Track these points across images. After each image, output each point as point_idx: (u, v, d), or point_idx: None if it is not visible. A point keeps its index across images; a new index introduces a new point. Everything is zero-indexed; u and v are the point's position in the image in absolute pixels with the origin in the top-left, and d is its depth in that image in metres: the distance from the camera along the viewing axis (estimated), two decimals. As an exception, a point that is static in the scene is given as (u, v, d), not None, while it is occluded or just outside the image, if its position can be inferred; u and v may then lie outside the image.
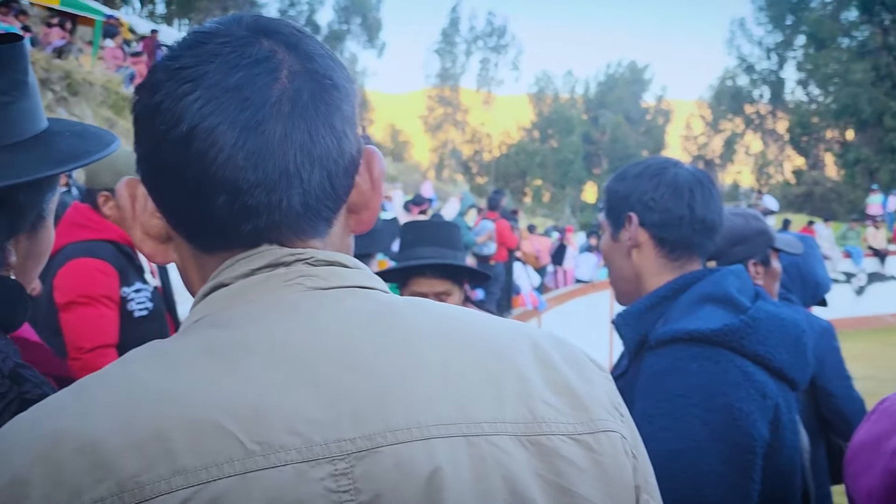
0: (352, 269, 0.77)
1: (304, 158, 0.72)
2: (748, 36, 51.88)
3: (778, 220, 22.73)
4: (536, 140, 60.66)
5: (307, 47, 0.76)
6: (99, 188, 3.08)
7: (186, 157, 0.70)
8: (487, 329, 0.77)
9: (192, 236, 0.76)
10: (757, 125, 53.83)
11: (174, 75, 0.72)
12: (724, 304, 1.52)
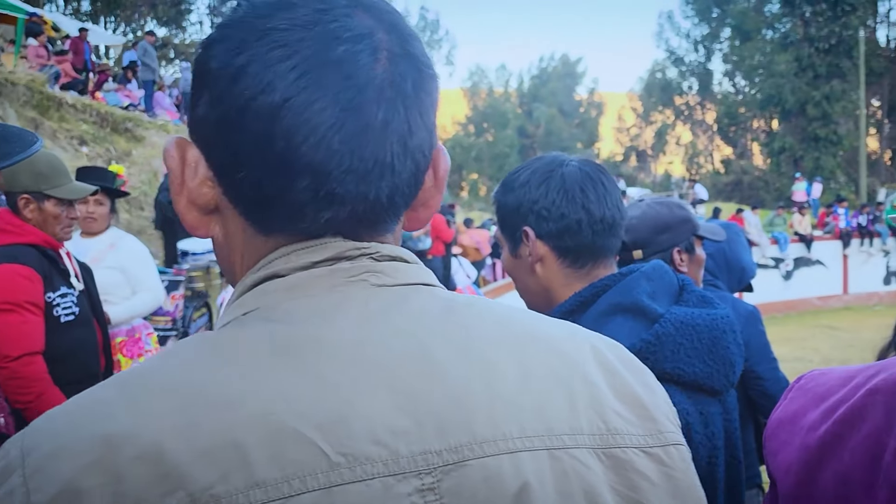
0: (412, 264, 0.73)
1: (401, 149, 0.67)
2: (676, 29, 52.78)
3: (708, 209, 23.29)
4: (472, 134, 60.94)
5: (405, 29, 0.71)
6: (19, 191, 3.03)
7: (272, 131, 0.64)
8: (549, 330, 0.73)
9: (253, 214, 0.69)
10: (687, 116, 54.84)
11: (264, 37, 0.65)
12: (633, 313, 1.44)
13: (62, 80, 17.28)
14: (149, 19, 41.21)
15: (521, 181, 1.56)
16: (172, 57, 39.52)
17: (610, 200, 1.52)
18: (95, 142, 16.21)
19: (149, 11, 40.37)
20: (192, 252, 8.14)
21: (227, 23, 0.68)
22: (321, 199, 0.66)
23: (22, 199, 3.04)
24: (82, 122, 16.52)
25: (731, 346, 1.48)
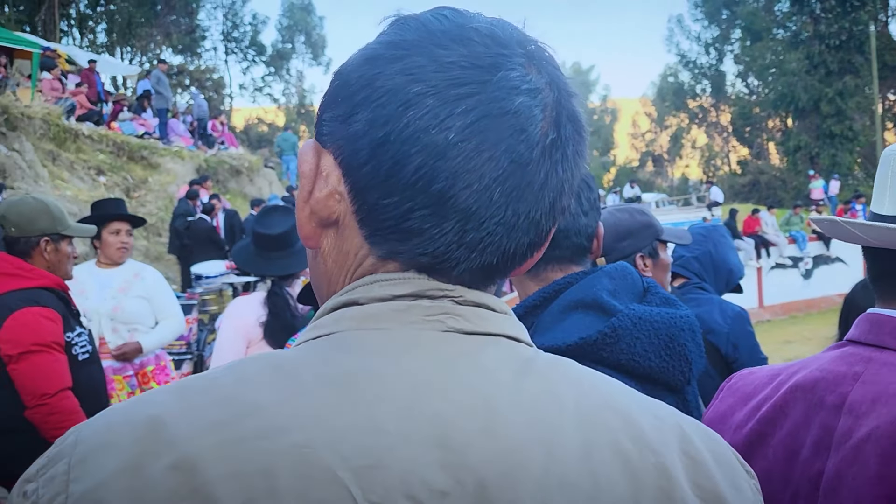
0: (499, 313, 0.70)
1: (550, 210, 0.67)
2: (686, 32, 52.77)
3: (724, 211, 23.22)
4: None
5: (570, 88, 0.70)
6: (37, 234, 3.19)
7: (436, 167, 0.62)
8: (633, 408, 0.68)
9: (380, 240, 0.67)
10: (701, 119, 54.68)
11: (444, 70, 0.63)
12: (593, 309, 1.48)
13: (78, 112, 17.57)
14: (164, 48, 41.78)
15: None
16: (188, 84, 40.02)
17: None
18: (112, 171, 16.47)
19: (164, 40, 40.98)
20: (206, 276, 8.28)
21: (399, 42, 0.66)
22: (465, 243, 0.65)
23: (44, 240, 3.21)
24: (99, 152, 16.79)
25: (688, 343, 1.51)
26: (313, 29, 53.45)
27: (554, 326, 1.49)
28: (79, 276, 4.01)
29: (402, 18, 0.69)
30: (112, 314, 4.17)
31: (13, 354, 2.98)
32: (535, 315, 1.55)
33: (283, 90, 54.43)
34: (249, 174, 20.67)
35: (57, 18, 34.11)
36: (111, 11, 39.18)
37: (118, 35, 38.31)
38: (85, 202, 14.06)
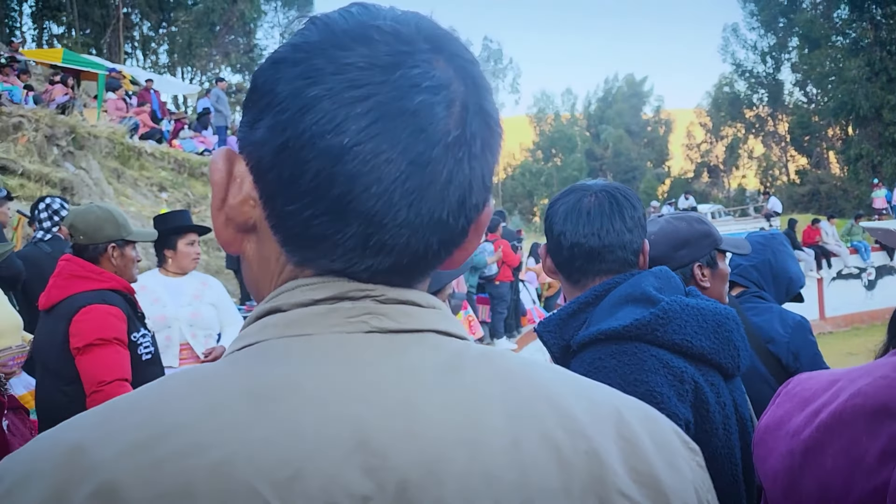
0: (426, 308, 0.69)
1: (458, 207, 0.66)
2: (742, 41, 52.13)
3: (783, 221, 22.86)
4: (540, 160, 61.13)
5: (481, 81, 0.69)
6: (104, 241, 3.37)
7: (334, 173, 0.62)
8: (567, 395, 0.67)
9: (292, 246, 0.67)
10: (758, 129, 53.91)
11: (341, 72, 0.62)
12: (642, 302, 1.60)
13: (141, 131, 18.08)
14: (223, 67, 42.70)
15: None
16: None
17: (588, 229, 1.71)
18: (174, 187, 16.89)
19: (223, 60, 41.93)
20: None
21: (301, 44, 0.66)
22: (370, 246, 0.64)
23: (111, 246, 3.38)
24: (161, 169, 17.23)
25: (734, 331, 1.62)
26: (367, 46, 54.09)
27: (607, 318, 1.60)
28: (148, 284, 4.21)
29: (311, 19, 0.69)
30: (191, 320, 4.30)
31: (80, 346, 3.15)
32: (587, 311, 1.68)
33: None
34: (306, 189, 20.96)
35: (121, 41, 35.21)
36: (172, 33, 40.33)
37: (179, 55, 39.39)
38: (148, 218, 14.43)
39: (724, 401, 1.58)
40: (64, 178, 12.78)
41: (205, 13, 39.72)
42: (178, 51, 39.34)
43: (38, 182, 12.30)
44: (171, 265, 4.37)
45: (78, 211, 3.49)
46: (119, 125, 17.17)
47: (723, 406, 1.57)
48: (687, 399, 1.51)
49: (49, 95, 16.77)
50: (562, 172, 57.22)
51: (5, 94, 15.12)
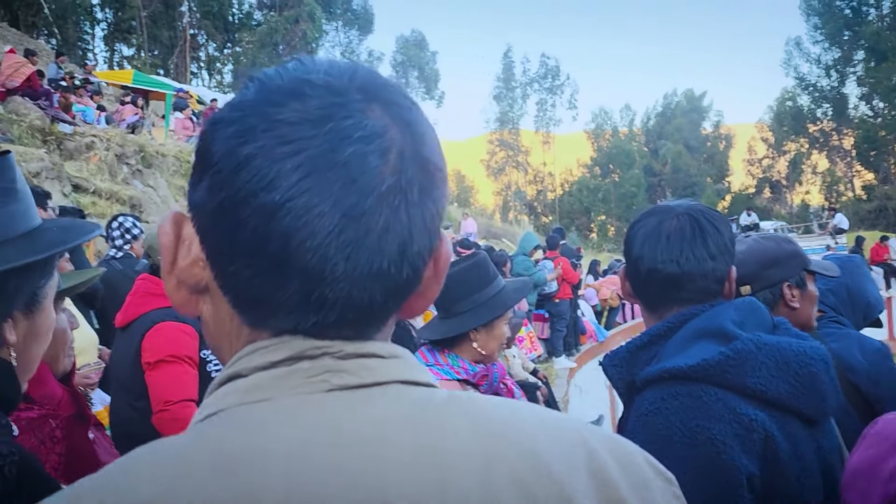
0: (387, 359, 0.68)
1: (399, 256, 0.64)
2: (805, 55, 51.28)
3: (850, 238, 22.36)
4: (597, 176, 60.67)
5: (419, 126, 0.68)
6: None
7: (268, 231, 0.61)
8: (537, 435, 0.67)
9: (241, 307, 0.67)
10: (822, 143, 52.87)
11: (272, 128, 0.62)
12: (717, 338, 1.48)
13: (207, 150, 18.50)
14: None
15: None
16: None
17: (666, 255, 1.60)
18: (238, 205, 17.24)
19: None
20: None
21: (238, 104, 0.66)
22: (312, 302, 0.63)
23: None
24: (226, 187, 17.61)
25: (820, 374, 1.45)
26: (426, 64, 54.68)
27: (677, 354, 1.49)
28: None
29: (250, 77, 0.69)
30: None
31: (151, 362, 3.20)
32: (659, 344, 1.57)
33: (398, 123, 55.51)
34: (367, 206, 21.22)
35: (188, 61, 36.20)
36: (237, 53, 41.33)
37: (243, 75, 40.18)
38: (214, 235, 14.76)
39: (803, 451, 1.43)
40: (133, 196, 13.16)
41: (268, 33, 40.66)
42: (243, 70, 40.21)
43: (108, 200, 12.67)
44: None
45: (155, 233, 3.54)
46: (185, 144, 17.64)
47: (800, 457, 1.42)
48: (754, 450, 1.38)
49: (120, 115, 17.31)
50: (619, 188, 56.76)
51: (79, 114, 15.66)
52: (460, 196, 57.24)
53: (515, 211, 59.45)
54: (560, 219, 56.93)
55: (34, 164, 11.13)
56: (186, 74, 33.72)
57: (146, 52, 37.57)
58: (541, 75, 61.87)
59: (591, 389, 11.56)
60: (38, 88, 13.75)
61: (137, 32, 37.95)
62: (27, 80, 13.43)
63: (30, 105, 13.21)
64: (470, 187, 64.84)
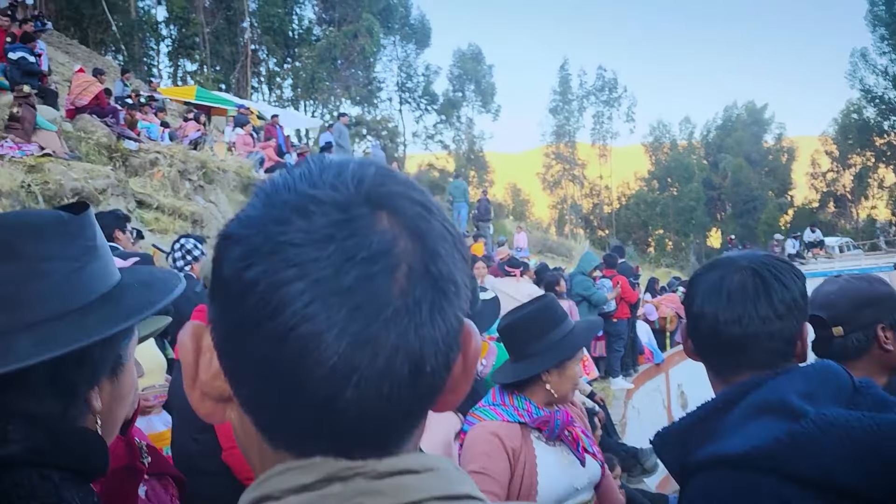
0: (422, 473, 0.65)
1: (413, 372, 0.62)
2: (871, 66, 50.11)
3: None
4: (655, 189, 60.02)
5: (431, 236, 0.64)
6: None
7: (277, 358, 0.60)
8: None
9: (262, 429, 0.66)
10: (889, 156, 51.54)
11: (277, 251, 0.60)
12: (780, 413, 1.32)
13: (266, 165, 18.83)
14: (343, 100, 44.09)
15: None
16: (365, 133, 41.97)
17: (732, 314, 1.47)
18: (297, 220, 17.47)
19: (343, 93, 43.29)
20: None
21: (245, 220, 0.65)
22: (329, 427, 0.62)
23: None
24: (285, 202, 17.86)
25: None
26: (483, 77, 54.79)
27: (735, 432, 1.34)
28: None
29: (260, 188, 0.68)
30: None
31: None
32: (715, 419, 1.42)
33: (454, 137, 56.07)
34: (423, 221, 21.32)
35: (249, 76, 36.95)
36: (296, 68, 42.01)
37: (302, 89, 40.94)
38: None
39: None
40: (194, 212, 13.41)
41: (327, 48, 41.22)
42: (302, 85, 40.91)
43: (171, 216, 12.93)
44: None
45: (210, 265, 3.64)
46: (246, 159, 17.94)
47: None
48: None
49: (183, 132, 17.71)
50: (678, 202, 56.07)
51: (144, 131, 16.07)
52: (515, 209, 57.06)
53: (571, 224, 59.09)
54: (617, 233, 56.47)
55: (100, 181, 11.42)
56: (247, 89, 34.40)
57: (209, 68, 38.42)
58: (598, 88, 61.55)
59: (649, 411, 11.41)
60: (105, 106, 14.16)
61: (200, 48, 38.91)
62: (95, 98, 13.85)
63: (97, 122, 13.60)
64: (525, 200, 64.57)
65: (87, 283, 1.13)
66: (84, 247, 1.15)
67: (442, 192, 41.52)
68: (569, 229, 56.17)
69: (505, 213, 49.77)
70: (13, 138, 11.15)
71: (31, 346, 1.04)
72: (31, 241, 1.10)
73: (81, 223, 1.16)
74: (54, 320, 1.08)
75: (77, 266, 1.12)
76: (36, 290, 1.08)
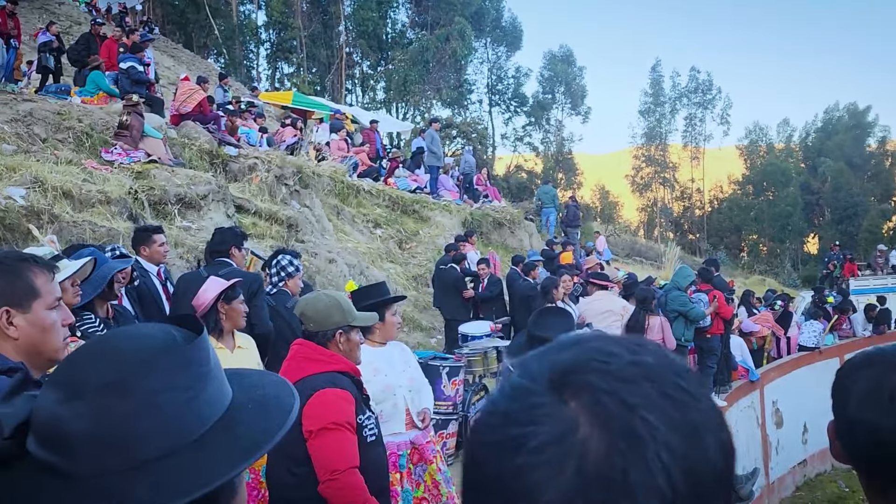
0: None
1: None
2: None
3: None
4: (750, 193, 58.54)
5: (618, 426, 0.60)
6: (333, 328, 3.57)
7: None
8: None
9: None
10: None
11: (515, 451, 0.60)
12: None
13: (360, 169, 19.28)
14: (434, 102, 44.54)
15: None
16: (454, 135, 42.28)
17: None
18: (388, 224, 17.87)
19: (434, 95, 43.69)
20: (472, 336, 8.79)
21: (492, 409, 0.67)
22: None
23: (339, 333, 3.59)
24: (376, 206, 18.27)
25: None
26: (573, 79, 54.49)
27: None
28: (363, 357, 4.35)
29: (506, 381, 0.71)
30: (409, 385, 4.54)
31: (314, 430, 3.27)
32: None
33: (542, 139, 55.86)
34: (511, 226, 21.46)
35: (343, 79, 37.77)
36: (389, 71, 42.70)
37: (394, 92, 41.52)
38: (364, 253, 15.37)
39: None
40: (290, 216, 13.82)
41: (419, 52, 41.78)
42: (394, 87, 41.53)
43: (267, 220, 13.37)
44: (377, 335, 4.54)
45: (308, 300, 3.72)
46: (340, 164, 18.40)
47: None
48: None
49: (280, 137, 18.27)
50: (774, 207, 54.53)
51: (244, 136, 16.67)
52: (603, 212, 56.57)
53: (661, 228, 58.22)
54: (708, 237, 55.35)
55: (202, 188, 11.92)
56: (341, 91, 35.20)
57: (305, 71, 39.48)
58: (690, 89, 60.39)
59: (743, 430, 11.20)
60: (207, 113, 14.77)
61: (297, 52, 40.04)
62: (198, 106, 14.45)
63: (200, 129, 14.20)
64: (614, 202, 63.85)
65: (201, 411, 1.08)
66: (197, 374, 1.09)
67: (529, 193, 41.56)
68: (658, 233, 55.36)
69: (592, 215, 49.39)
70: (122, 145, 11.76)
71: (148, 491, 0.99)
72: (142, 374, 1.05)
73: (195, 349, 1.11)
74: (168, 457, 1.03)
75: (190, 395, 1.07)
76: (148, 427, 1.03)
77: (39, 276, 2.19)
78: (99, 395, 1.01)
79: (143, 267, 6.08)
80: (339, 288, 12.30)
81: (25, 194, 8.71)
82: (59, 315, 2.23)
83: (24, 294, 2.15)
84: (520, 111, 52.91)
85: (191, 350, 1.10)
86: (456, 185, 21.67)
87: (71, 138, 11.65)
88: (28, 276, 2.17)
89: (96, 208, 9.63)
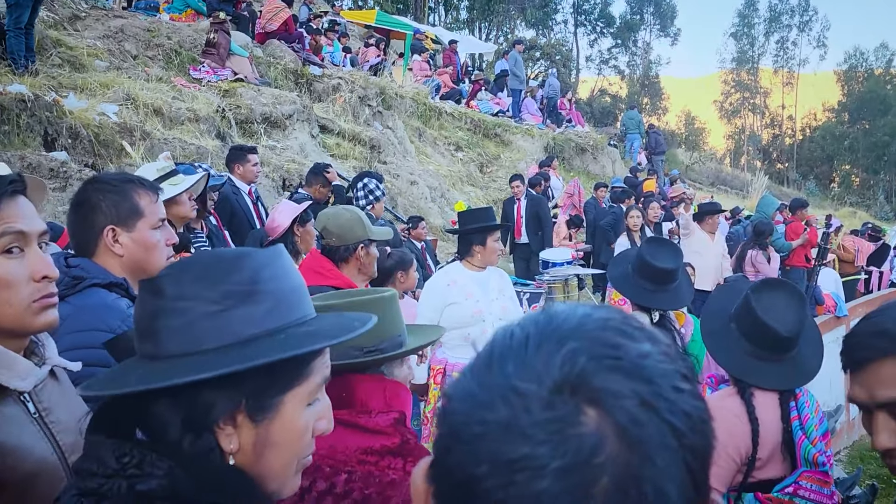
0: None
1: None
2: None
3: None
4: (845, 122, 56.07)
5: (647, 435, 0.57)
6: (356, 242, 3.59)
7: None
8: None
9: None
10: None
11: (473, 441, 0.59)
12: None
13: (442, 91, 19.15)
14: (518, 22, 43.59)
15: None
16: (538, 57, 41.47)
17: None
18: (469, 147, 17.80)
19: (518, 15, 42.70)
20: (553, 262, 8.75)
21: (460, 391, 0.65)
22: None
23: (360, 246, 3.59)
24: (458, 129, 18.19)
25: None
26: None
27: None
28: (458, 279, 4.52)
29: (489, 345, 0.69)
30: (501, 314, 4.53)
31: None
32: None
33: (629, 62, 54.36)
34: (594, 152, 21.14)
35: (426, -2, 37.10)
36: (473, -11, 41.75)
37: (478, 12, 40.69)
38: (445, 176, 15.38)
39: None
40: (373, 138, 13.91)
41: (505, -32, 40.68)
42: (478, 7, 40.66)
43: (351, 141, 13.49)
44: (477, 259, 4.59)
45: (329, 214, 3.72)
46: (422, 86, 18.30)
47: None
48: None
49: (364, 57, 18.22)
50: (870, 137, 52.15)
51: (327, 56, 16.66)
52: (689, 139, 55.04)
53: (748, 156, 56.46)
54: (797, 166, 53.53)
55: (287, 107, 12.04)
56: (424, 10, 34.60)
57: (388, -10, 38.98)
58: (786, 11, 57.64)
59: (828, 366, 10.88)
60: (292, 32, 14.79)
61: (381, -32, 39.42)
62: (284, 24, 14.46)
63: (285, 48, 14.25)
64: (700, 129, 61.92)
65: (224, 326, 1.10)
66: (227, 291, 1.11)
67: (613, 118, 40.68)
68: (745, 161, 53.75)
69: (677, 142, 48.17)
70: (209, 63, 11.88)
71: (136, 380, 1.09)
72: (174, 281, 1.13)
73: (233, 266, 1.14)
74: (178, 357, 1.10)
75: (216, 309, 1.10)
76: (166, 326, 1.11)
77: (144, 197, 2.26)
78: (141, 292, 1.15)
79: (235, 185, 6.19)
80: (422, 210, 12.39)
81: (118, 111, 8.92)
82: (163, 235, 2.31)
83: (129, 214, 2.23)
84: (606, 32, 51.22)
85: (226, 267, 1.14)
86: (539, 108, 21.36)
87: (160, 55, 11.84)
88: (133, 196, 2.24)
89: (185, 126, 9.82)
